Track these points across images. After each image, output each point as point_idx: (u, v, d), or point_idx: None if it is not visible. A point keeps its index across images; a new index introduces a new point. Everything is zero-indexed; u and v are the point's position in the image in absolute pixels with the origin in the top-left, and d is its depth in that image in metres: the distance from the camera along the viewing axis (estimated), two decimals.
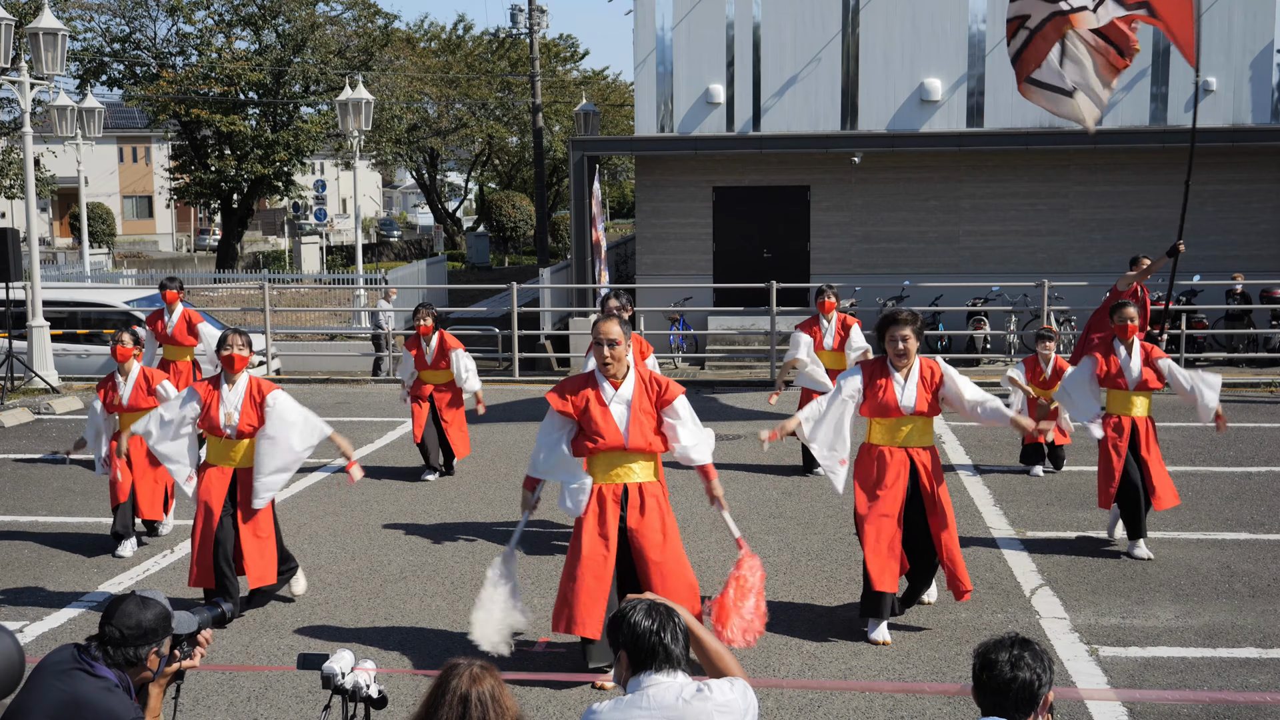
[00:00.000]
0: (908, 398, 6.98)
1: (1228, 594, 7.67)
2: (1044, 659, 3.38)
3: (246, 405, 7.46)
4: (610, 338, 6.28)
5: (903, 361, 7.02)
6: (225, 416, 7.42)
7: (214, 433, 7.51)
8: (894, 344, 6.99)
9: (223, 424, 7.43)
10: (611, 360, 6.29)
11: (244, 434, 7.47)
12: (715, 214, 22.50)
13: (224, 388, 7.51)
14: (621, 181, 60.47)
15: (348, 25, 39.47)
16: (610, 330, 6.29)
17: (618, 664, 3.51)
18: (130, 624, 3.67)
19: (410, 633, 7.12)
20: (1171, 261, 12.02)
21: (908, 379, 7.01)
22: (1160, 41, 21.13)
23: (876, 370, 7.11)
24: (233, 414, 7.42)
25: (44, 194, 37.66)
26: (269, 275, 26.36)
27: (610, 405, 6.32)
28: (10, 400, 15.67)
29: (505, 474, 11.42)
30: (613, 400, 6.33)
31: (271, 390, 7.53)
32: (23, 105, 16.98)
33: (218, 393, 7.51)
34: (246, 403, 7.47)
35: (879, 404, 7.01)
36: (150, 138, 57.10)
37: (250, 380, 7.57)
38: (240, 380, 7.53)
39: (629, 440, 6.29)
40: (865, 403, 7.09)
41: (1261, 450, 12.06)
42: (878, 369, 7.11)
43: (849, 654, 6.72)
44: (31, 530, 9.55)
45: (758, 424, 13.61)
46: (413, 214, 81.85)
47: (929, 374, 7.03)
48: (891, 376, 7.03)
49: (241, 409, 7.44)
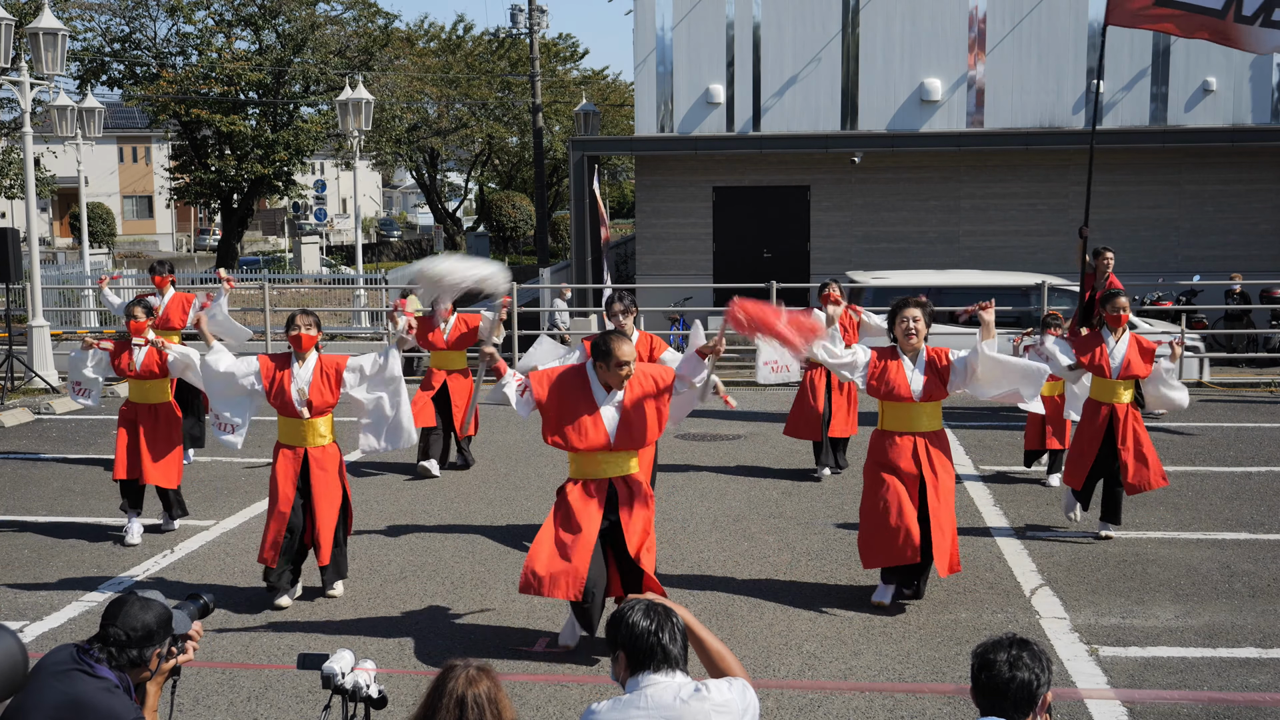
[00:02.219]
0: (917, 382, 7.19)
1: (1228, 594, 7.67)
2: (1042, 659, 3.38)
3: (318, 381, 7.54)
4: (627, 359, 6.27)
5: (912, 344, 7.24)
6: (298, 393, 7.49)
7: (286, 412, 7.56)
8: (903, 324, 7.24)
9: (296, 401, 7.48)
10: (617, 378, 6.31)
11: (317, 411, 7.55)
12: (715, 214, 22.51)
13: (294, 365, 7.58)
14: (621, 181, 60.46)
15: (348, 25, 39.45)
16: (628, 353, 6.29)
17: (616, 664, 3.52)
18: (135, 625, 3.68)
19: (410, 633, 7.12)
20: (1081, 244, 12.37)
21: (916, 363, 7.24)
22: (1160, 41, 21.14)
23: (887, 354, 7.34)
24: (304, 389, 7.50)
25: (44, 194, 37.66)
26: (269, 275, 26.32)
27: (601, 408, 6.35)
28: (10, 400, 15.67)
29: (505, 474, 11.42)
30: (604, 403, 6.37)
31: (345, 360, 7.65)
32: (23, 105, 16.97)
33: (288, 370, 7.56)
34: (317, 378, 7.54)
35: (889, 387, 7.22)
36: (150, 138, 57.14)
37: (320, 357, 7.65)
38: (310, 358, 7.62)
39: (615, 442, 6.36)
40: (875, 383, 7.28)
41: (1261, 450, 12.06)
42: (888, 353, 7.35)
43: (849, 654, 6.73)
44: (31, 530, 9.55)
45: (758, 424, 13.62)
46: (413, 214, 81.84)
47: (938, 359, 7.24)
48: (901, 360, 7.25)
49: (313, 384, 7.52)
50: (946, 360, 7.26)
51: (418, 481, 11.13)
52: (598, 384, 6.39)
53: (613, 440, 6.35)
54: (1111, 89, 21.29)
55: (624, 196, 62.65)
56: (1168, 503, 9.94)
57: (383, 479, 11.16)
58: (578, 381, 6.44)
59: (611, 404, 6.37)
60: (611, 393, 6.39)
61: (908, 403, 7.24)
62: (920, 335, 7.23)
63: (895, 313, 7.35)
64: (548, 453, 12.10)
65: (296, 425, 7.60)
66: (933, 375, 7.21)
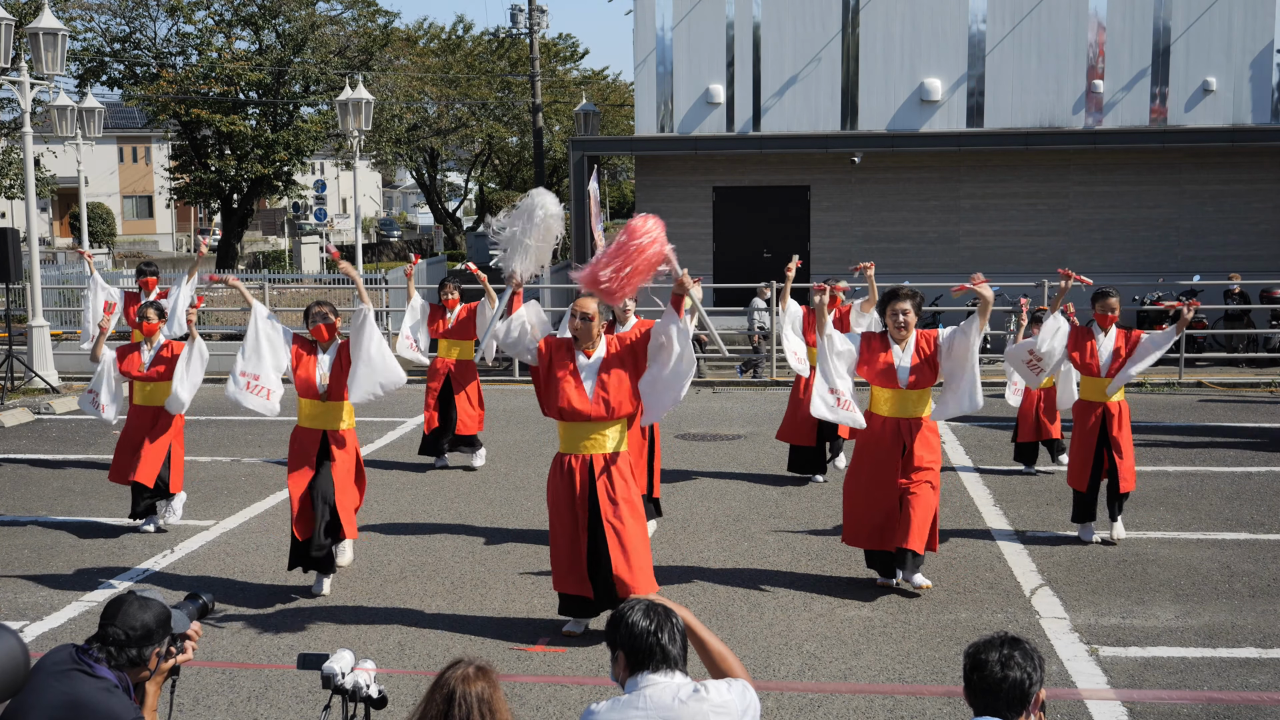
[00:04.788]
0: (903, 368, 7.54)
1: (1228, 594, 7.67)
2: (1034, 658, 3.37)
3: (336, 369, 7.78)
4: (584, 311, 6.68)
5: (902, 334, 7.59)
6: (320, 378, 7.77)
7: (307, 393, 7.80)
8: (895, 317, 7.58)
9: (318, 383, 7.77)
10: (581, 331, 6.69)
11: (333, 397, 7.78)
12: (715, 214, 22.51)
13: (319, 353, 7.85)
14: (621, 181, 60.44)
15: (348, 25, 39.43)
16: (585, 305, 6.69)
17: (615, 664, 3.52)
18: (134, 625, 3.68)
19: (410, 633, 7.12)
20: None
21: (905, 350, 7.58)
22: (1160, 41, 21.15)
23: (876, 342, 7.64)
24: (325, 375, 7.77)
25: (44, 194, 37.64)
26: (269, 275, 26.31)
27: (581, 375, 6.70)
28: (10, 400, 15.67)
29: (505, 474, 11.42)
30: (583, 369, 6.72)
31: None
32: (23, 105, 16.97)
33: (314, 356, 7.83)
34: (336, 366, 7.79)
35: (878, 373, 7.56)
36: (150, 138, 57.06)
37: (341, 345, 7.87)
38: (332, 346, 7.87)
39: (593, 408, 6.64)
40: (864, 367, 7.63)
41: (1261, 450, 12.06)
42: (877, 340, 7.65)
43: (849, 654, 6.72)
44: (31, 530, 9.55)
45: (757, 424, 13.62)
46: (413, 214, 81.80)
47: (924, 344, 7.60)
48: (891, 349, 7.58)
49: (332, 372, 7.78)
50: (933, 344, 7.58)
51: (418, 481, 11.13)
52: (580, 353, 6.77)
53: (590, 403, 6.63)
54: (1111, 89, 21.29)
55: (624, 196, 62.64)
56: (1168, 503, 9.94)
57: (383, 479, 11.16)
58: (565, 345, 6.84)
59: (590, 370, 6.71)
60: (590, 360, 6.72)
61: (895, 389, 7.56)
62: (910, 326, 7.60)
63: (886, 303, 7.66)
64: (548, 453, 12.11)
65: (316, 407, 7.83)
66: (921, 361, 7.55)
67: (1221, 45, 20.99)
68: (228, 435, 13.44)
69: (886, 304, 7.67)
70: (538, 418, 13.49)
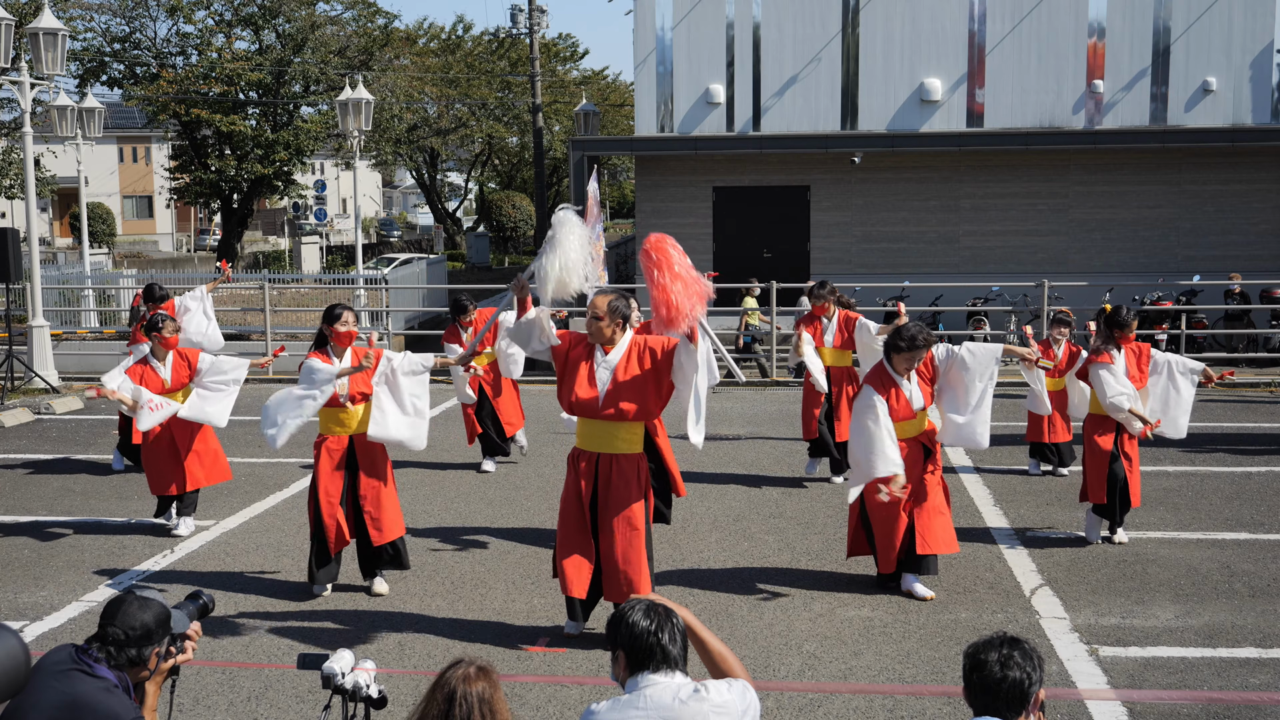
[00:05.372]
0: (917, 399, 7.65)
1: (1228, 594, 7.67)
2: (1034, 658, 3.37)
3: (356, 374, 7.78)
4: (594, 312, 6.69)
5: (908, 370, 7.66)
6: (339, 385, 7.74)
7: (330, 402, 7.76)
8: (913, 362, 7.55)
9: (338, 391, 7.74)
10: (592, 330, 6.70)
11: (357, 400, 7.78)
12: (715, 214, 22.51)
13: (334, 358, 7.81)
14: (621, 181, 60.45)
15: (348, 25, 39.44)
16: (597, 305, 6.70)
17: (616, 663, 3.52)
18: (134, 624, 3.67)
19: (410, 633, 7.12)
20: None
21: (911, 380, 7.67)
22: (1160, 41, 21.15)
23: (883, 381, 7.59)
24: (344, 382, 7.75)
25: (44, 194, 37.65)
26: (269, 275, 26.31)
27: (597, 369, 6.69)
28: (10, 400, 15.68)
29: (505, 474, 11.42)
30: (600, 365, 6.70)
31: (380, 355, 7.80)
32: (23, 105, 16.98)
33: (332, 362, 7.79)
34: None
35: (893, 409, 7.56)
36: (150, 138, 57.06)
37: (355, 350, 7.85)
38: (349, 351, 7.86)
39: (602, 405, 6.61)
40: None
41: (1261, 450, 12.06)
42: (883, 379, 7.60)
43: (849, 654, 6.72)
44: (31, 530, 9.56)
45: (757, 424, 13.62)
46: (413, 214, 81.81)
47: (924, 370, 7.70)
48: (899, 385, 7.61)
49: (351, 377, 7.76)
50: (933, 366, 7.70)
51: (418, 481, 11.13)
52: (598, 348, 6.74)
53: (601, 400, 6.60)
54: (1111, 89, 21.29)
55: (624, 196, 62.65)
56: (1168, 503, 9.94)
57: None
58: (585, 340, 6.83)
59: (607, 366, 6.67)
60: (609, 356, 6.68)
61: (909, 419, 7.63)
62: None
63: (912, 348, 7.46)
64: (547, 453, 12.11)
65: (339, 414, 7.82)
66: (924, 384, 7.71)
67: (1221, 45, 20.99)
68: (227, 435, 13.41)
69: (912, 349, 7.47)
70: (539, 418, 13.48)
